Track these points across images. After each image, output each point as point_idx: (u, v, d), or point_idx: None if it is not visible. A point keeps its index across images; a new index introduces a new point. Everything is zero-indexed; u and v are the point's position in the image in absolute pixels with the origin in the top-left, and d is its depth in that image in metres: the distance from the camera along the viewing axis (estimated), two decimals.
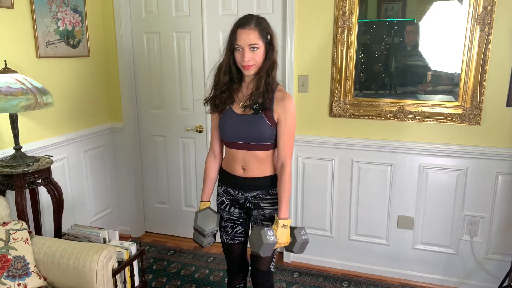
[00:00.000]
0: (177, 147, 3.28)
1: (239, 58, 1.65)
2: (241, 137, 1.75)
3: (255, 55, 1.64)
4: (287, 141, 1.73)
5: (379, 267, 2.88)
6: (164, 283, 2.80)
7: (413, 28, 2.54)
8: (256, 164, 1.78)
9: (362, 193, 2.82)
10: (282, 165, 1.74)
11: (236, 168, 1.81)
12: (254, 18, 1.65)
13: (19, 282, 1.85)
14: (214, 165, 1.94)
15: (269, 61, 1.68)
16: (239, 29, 1.63)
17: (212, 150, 1.93)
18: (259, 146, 1.75)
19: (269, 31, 1.68)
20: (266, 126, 1.71)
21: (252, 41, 1.61)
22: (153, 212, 3.50)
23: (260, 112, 1.69)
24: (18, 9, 2.41)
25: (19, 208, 2.16)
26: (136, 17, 3.14)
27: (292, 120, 1.73)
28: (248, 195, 1.83)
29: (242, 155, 1.78)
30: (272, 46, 1.68)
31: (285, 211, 1.73)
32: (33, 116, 2.57)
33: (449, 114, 2.52)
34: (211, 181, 1.95)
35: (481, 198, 2.58)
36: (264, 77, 1.67)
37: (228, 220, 1.91)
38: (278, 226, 1.71)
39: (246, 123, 1.72)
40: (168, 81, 3.18)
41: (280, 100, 1.71)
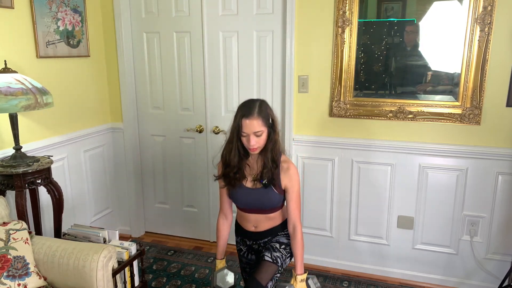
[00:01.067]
0: (177, 147, 3.28)
1: (246, 142, 1.81)
2: (253, 206, 1.94)
3: (260, 139, 1.79)
4: (296, 205, 1.91)
5: (379, 267, 2.88)
6: (164, 283, 2.80)
7: (413, 28, 2.54)
8: (266, 221, 1.97)
9: (362, 193, 2.82)
10: (294, 226, 1.90)
11: (248, 226, 2.01)
12: (256, 107, 1.78)
13: (19, 282, 1.85)
14: (226, 225, 2.08)
15: (272, 142, 1.84)
16: (244, 119, 1.77)
17: (223, 213, 2.07)
18: (269, 210, 1.94)
19: (271, 115, 1.83)
20: (275, 196, 1.88)
21: (256, 129, 1.76)
22: (153, 212, 3.50)
23: (270, 185, 1.86)
24: (18, 9, 2.41)
25: (19, 208, 2.16)
26: (136, 17, 3.14)
27: (297, 186, 1.90)
28: (260, 242, 2.02)
29: (254, 217, 1.97)
30: (274, 129, 1.84)
31: (301, 267, 1.90)
32: (33, 116, 2.57)
33: (449, 114, 2.52)
34: (223, 240, 2.09)
35: (481, 198, 2.58)
36: (270, 156, 1.84)
37: (247, 264, 2.11)
38: (297, 281, 1.87)
39: (257, 195, 1.89)
40: (168, 81, 3.18)
41: (285, 171, 1.88)
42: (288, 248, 1.96)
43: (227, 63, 2.98)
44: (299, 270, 1.88)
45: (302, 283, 1.87)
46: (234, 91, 3.00)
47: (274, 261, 1.87)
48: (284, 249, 1.94)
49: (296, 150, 2.88)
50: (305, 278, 1.89)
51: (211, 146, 3.15)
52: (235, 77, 2.99)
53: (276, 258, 1.88)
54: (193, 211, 3.37)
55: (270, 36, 2.83)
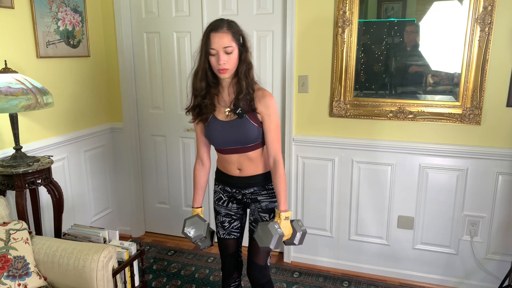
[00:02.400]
0: (177, 147, 3.28)
1: (215, 62, 1.66)
2: (230, 142, 1.79)
3: (230, 58, 1.65)
4: (275, 137, 1.78)
5: (379, 267, 2.88)
6: (164, 283, 2.80)
7: (413, 28, 2.54)
8: (249, 164, 1.84)
9: (362, 193, 2.82)
10: (275, 160, 1.79)
11: (232, 169, 1.87)
12: (225, 22, 1.67)
13: (19, 282, 1.85)
14: (202, 172, 1.97)
15: (245, 63, 1.70)
16: (212, 32, 1.64)
17: (200, 158, 1.95)
18: (249, 147, 1.80)
19: (241, 33, 1.70)
20: (252, 127, 1.75)
21: (225, 43, 1.63)
22: (153, 212, 3.51)
23: (244, 115, 1.72)
24: (18, 9, 2.41)
25: (19, 208, 2.16)
26: (136, 17, 3.14)
27: (275, 116, 1.76)
28: (245, 192, 1.89)
29: (236, 158, 1.83)
30: (245, 48, 1.71)
31: (285, 203, 1.77)
32: (33, 116, 2.57)
33: (449, 114, 2.52)
34: (200, 188, 1.98)
35: (481, 198, 2.58)
36: (244, 80, 1.70)
37: (226, 215, 1.96)
38: (281, 219, 1.75)
39: (233, 128, 1.75)
40: (168, 81, 3.18)
41: (260, 98, 1.74)
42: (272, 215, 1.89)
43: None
44: (282, 207, 1.76)
45: (286, 220, 1.75)
46: None
47: None
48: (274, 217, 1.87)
49: (296, 150, 2.88)
50: (290, 216, 1.77)
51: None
52: None
53: None
54: None
55: (270, 36, 2.83)
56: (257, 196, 1.89)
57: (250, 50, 1.74)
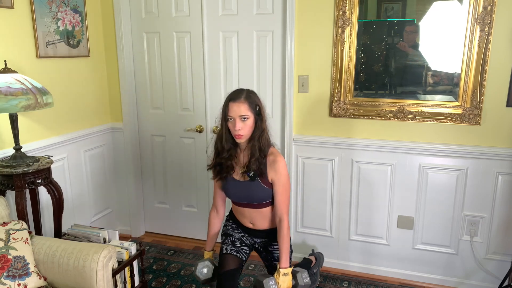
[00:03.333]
0: (177, 147, 3.28)
1: (231, 127, 1.82)
2: (244, 199, 1.95)
3: (245, 125, 1.80)
4: (283, 199, 1.90)
5: (379, 267, 2.88)
6: (164, 283, 2.80)
7: (413, 28, 2.54)
8: (262, 219, 1.98)
9: (362, 193, 2.82)
10: (280, 220, 1.90)
11: (245, 222, 2.03)
12: (244, 92, 1.83)
13: (19, 282, 1.85)
14: (217, 220, 2.13)
15: (259, 130, 1.84)
16: (231, 102, 1.80)
17: (215, 207, 2.11)
18: (262, 204, 1.94)
19: (258, 103, 1.84)
20: (262, 190, 1.89)
21: (242, 112, 1.78)
22: (153, 212, 3.50)
23: (256, 178, 1.86)
24: (18, 9, 2.41)
25: (19, 208, 2.16)
26: (136, 17, 3.14)
27: (284, 180, 1.88)
28: (256, 240, 2.05)
29: (248, 212, 1.99)
30: (261, 117, 1.85)
31: (286, 261, 1.88)
32: (33, 116, 2.57)
33: (449, 114, 2.52)
34: (214, 234, 2.15)
35: (481, 198, 2.58)
36: (257, 145, 1.84)
37: (239, 239, 2.08)
38: (280, 275, 1.85)
39: (246, 188, 1.91)
40: (168, 81, 3.18)
41: (271, 164, 1.87)
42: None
43: (227, 63, 2.98)
44: (283, 264, 1.86)
45: (285, 277, 1.85)
46: None
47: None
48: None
49: (296, 150, 2.88)
50: (290, 272, 1.86)
51: (211, 146, 3.14)
52: (235, 77, 2.99)
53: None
54: (193, 211, 3.37)
55: (270, 36, 2.83)
56: (267, 246, 2.03)
57: (266, 118, 1.88)
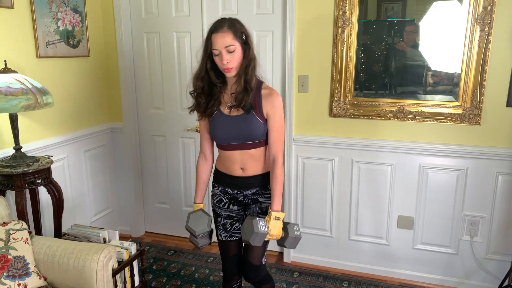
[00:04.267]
0: (177, 147, 3.28)
1: (219, 62, 1.67)
2: (234, 138, 1.78)
3: (233, 57, 1.66)
4: (278, 136, 1.78)
5: (379, 267, 2.88)
6: (164, 283, 2.80)
7: (413, 28, 2.54)
8: (253, 162, 1.82)
9: (362, 193, 2.82)
10: (274, 159, 1.79)
11: (235, 169, 1.85)
12: (226, 21, 1.68)
13: (19, 282, 1.85)
14: (205, 167, 1.97)
15: (247, 60, 1.70)
16: (214, 33, 1.65)
17: (203, 153, 1.96)
18: (252, 144, 1.79)
19: (243, 31, 1.70)
20: (258, 124, 1.75)
21: (227, 43, 1.63)
22: (153, 212, 3.51)
23: (251, 111, 1.72)
24: (18, 9, 2.41)
25: (19, 208, 2.16)
26: (136, 17, 3.14)
27: (280, 115, 1.77)
28: (247, 193, 1.88)
29: (239, 155, 1.81)
30: (248, 45, 1.71)
31: (278, 203, 1.77)
32: (33, 116, 2.57)
33: (449, 114, 2.52)
34: (203, 183, 1.98)
35: (481, 198, 2.58)
36: (243, 76, 1.70)
37: (227, 217, 1.95)
38: (271, 218, 1.75)
39: (238, 124, 1.75)
40: (168, 81, 3.18)
41: (267, 96, 1.75)
42: None
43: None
44: (275, 206, 1.76)
45: (276, 221, 1.75)
46: None
47: None
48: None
49: (296, 150, 2.88)
50: (282, 217, 1.77)
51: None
52: None
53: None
54: None
55: (270, 36, 2.83)
56: (258, 197, 1.88)
57: (253, 46, 1.73)
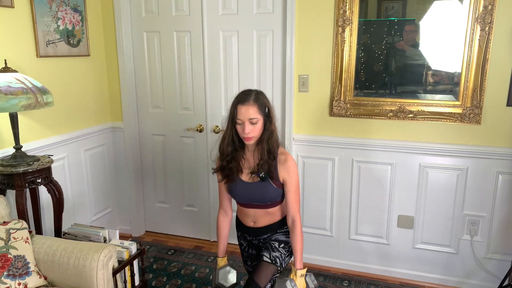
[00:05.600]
0: (177, 147, 3.28)
1: (240, 131, 1.78)
2: (251, 201, 1.91)
3: (255, 128, 1.76)
4: (294, 198, 1.87)
5: (379, 267, 2.89)
6: (164, 283, 2.80)
7: (413, 28, 2.54)
8: (265, 216, 1.94)
9: (362, 192, 2.82)
10: (293, 220, 1.87)
11: (247, 221, 1.99)
12: (253, 94, 1.78)
13: (19, 281, 1.85)
14: (226, 222, 2.07)
15: (268, 132, 1.81)
16: (239, 105, 1.75)
17: (223, 209, 2.05)
18: (268, 205, 1.91)
19: (267, 104, 1.80)
20: (273, 190, 1.85)
21: (251, 115, 1.74)
22: (153, 211, 3.51)
23: (267, 179, 1.83)
24: (18, 9, 2.41)
25: (19, 208, 2.16)
26: (136, 16, 3.14)
27: (296, 178, 1.87)
28: (260, 238, 2.00)
29: (253, 212, 1.94)
30: (270, 118, 1.81)
31: (300, 262, 1.87)
32: (33, 116, 2.57)
33: (450, 113, 2.52)
34: (225, 238, 2.08)
35: (481, 198, 2.58)
36: (266, 147, 1.81)
37: (248, 258, 2.10)
38: (297, 276, 1.84)
39: (255, 189, 1.87)
40: (168, 80, 3.17)
41: (283, 163, 1.84)
42: (287, 247, 1.95)
43: (227, 62, 2.98)
44: (298, 265, 1.85)
45: (301, 278, 1.85)
46: (234, 91, 2.99)
47: (272, 262, 1.85)
48: (283, 248, 1.93)
49: (296, 149, 2.88)
50: (304, 273, 1.86)
51: (211, 145, 3.15)
52: (235, 76, 2.98)
53: (275, 258, 1.87)
54: (193, 211, 3.37)
55: (270, 36, 2.83)
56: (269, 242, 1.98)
57: (274, 120, 1.84)
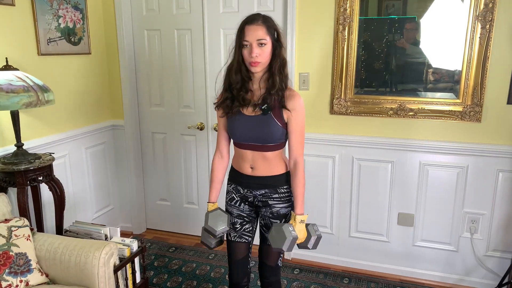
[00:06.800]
0: (178, 145, 3.29)
1: (247, 54, 1.64)
2: (251, 139, 1.74)
3: (263, 51, 1.62)
4: (299, 139, 1.75)
5: (380, 264, 2.89)
6: (165, 280, 2.81)
7: (414, 26, 2.54)
8: (264, 163, 1.78)
9: (363, 190, 2.82)
10: (295, 162, 1.77)
11: (245, 167, 1.82)
12: (261, 16, 1.66)
13: (21, 279, 1.86)
14: (221, 165, 1.92)
15: (279, 59, 1.67)
16: (247, 25, 1.63)
17: (219, 150, 1.91)
18: (268, 147, 1.75)
19: (276, 28, 1.67)
20: (276, 126, 1.70)
21: (259, 36, 1.61)
22: (155, 209, 3.52)
23: (269, 112, 1.68)
24: (19, 7, 2.41)
25: (21, 205, 2.17)
26: (137, 14, 3.14)
27: (302, 118, 1.74)
28: (256, 193, 1.83)
29: (251, 155, 1.78)
30: (279, 43, 1.67)
31: (301, 206, 1.76)
32: (35, 114, 2.58)
33: (450, 111, 2.52)
34: (218, 182, 1.93)
35: (481, 196, 2.59)
36: (278, 75, 1.66)
37: (238, 217, 1.90)
38: (297, 222, 1.73)
39: (256, 125, 1.71)
40: (169, 78, 3.18)
41: (288, 98, 1.70)
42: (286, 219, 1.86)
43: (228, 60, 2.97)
44: (299, 210, 1.75)
45: (301, 224, 1.73)
46: None
47: None
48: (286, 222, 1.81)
49: None
50: (305, 219, 1.75)
51: (212, 143, 3.15)
52: None
53: None
54: (194, 208, 3.38)
55: None
56: (268, 200, 1.83)
57: (285, 46, 1.70)
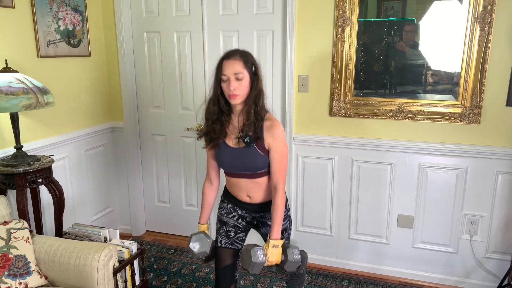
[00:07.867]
0: (178, 147, 3.29)
1: (226, 87, 1.71)
2: (238, 168, 1.83)
3: (240, 85, 1.70)
4: (279, 167, 1.80)
5: (379, 266, 2.89)
6: (165, 282, 2.81)
7: (413, 28, 2.54)
8: (259, 190, 1.87)
9: (362, 192, 2.82)
10: (275, 188, 1.82)
11: (241, 196, 1.91)
12: (238, 51, 1.75)
13: (20, 281, 1.86)
14: (211, 191, 2.03)
15: (255, 91, 1.74)
16: (225, 60, 1.71)
17: (209, 178, 2.01)
18: (258, 174, 1.83)
19: (253, 62, 1.76)
20: (259, 157, 1.78)
21: (236, 70, 1.68)
22: (154, 211, 3.51)
23: (252, 144, 1.75)
24: (18, 9, 2.42)
25: (20, 207, 2.17)
26: (136, 16, 3.15)
27: (281, 147, 1.79)
28: (256, 215, 1.95)
29: (244, 183, 1.87)
30: (257, 77, 1.75)
31: (277, 232, 1.79)
32: (34, 116, 2.58)
33: (449, 113, 2.53)
34: (208, 206, 2.03)
35: (480, 197, 2.59)
36: (253, 107, 1.74)
37: (233, 226, 1.98)
38: (269, 246, 1.78)
39: (241, 156, 1.79)
40: (168, 80, 3.18)
41: (268, 128, 1.76)
42: (286, 234, 1.93)
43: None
44: (274, 235, 1.78)
45: (274, 248, 1.77)
46: None
47: None
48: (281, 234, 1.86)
49: (296, 149, 2.88)
50: (280, 244, 1.79)
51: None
52: None
53: None
54: (194, 210, 3.38)
55: (270, 36, 2.84)
56: (266, 220, 1.93)
57: (261, 79, 1.77)
